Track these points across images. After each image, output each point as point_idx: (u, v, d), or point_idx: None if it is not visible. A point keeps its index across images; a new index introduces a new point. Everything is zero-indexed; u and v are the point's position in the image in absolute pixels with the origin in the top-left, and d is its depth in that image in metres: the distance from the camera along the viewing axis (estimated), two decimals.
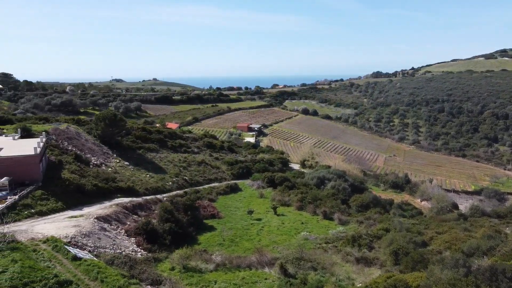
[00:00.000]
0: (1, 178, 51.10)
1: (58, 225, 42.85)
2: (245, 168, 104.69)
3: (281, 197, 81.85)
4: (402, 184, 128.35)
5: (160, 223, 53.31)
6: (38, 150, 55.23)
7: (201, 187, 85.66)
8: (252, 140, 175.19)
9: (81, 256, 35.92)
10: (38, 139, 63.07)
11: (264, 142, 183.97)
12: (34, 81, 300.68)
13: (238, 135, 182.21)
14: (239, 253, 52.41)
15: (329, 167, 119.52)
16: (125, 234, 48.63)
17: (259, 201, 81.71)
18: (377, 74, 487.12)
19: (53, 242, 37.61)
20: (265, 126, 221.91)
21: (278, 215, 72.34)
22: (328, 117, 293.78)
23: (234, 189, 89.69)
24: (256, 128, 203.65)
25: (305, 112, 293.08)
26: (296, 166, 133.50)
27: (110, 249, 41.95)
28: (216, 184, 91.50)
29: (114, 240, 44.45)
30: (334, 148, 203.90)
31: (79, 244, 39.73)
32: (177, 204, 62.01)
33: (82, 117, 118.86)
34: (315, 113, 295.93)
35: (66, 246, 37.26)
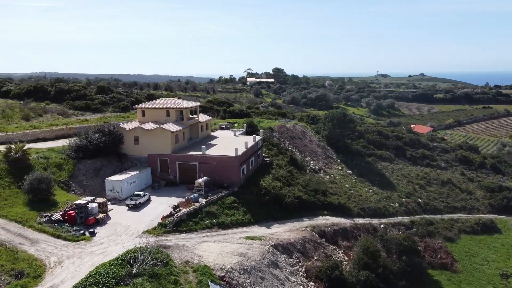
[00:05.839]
0: (201, 178, 49.38)
1: (225, 247, 36.34)
2: None
3: None
4: None
5: (354, 268, 40.11)
6: (240, 151, 51.07)
7: (437, 217, 65.77)
8: None
9: None
10: (251, 138, 59.74)
11: None
12: (301, 75, 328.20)
13: None
14: None
15: None
16: (303, 275, 38.09)
17: None
18: None
19: (202, 274, 30.98)
20: None
21: None
22: None
23: (489, 229, 65.07)
24: None
25: None
26: None
27: None
28: (461, 215, 68.94)
29: (282, 284, 34.54)
30: None
31: (233, 282, 31.79)
32: (388, 242, 46.78)
33: (321, 112, 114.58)
34: None
35: (212, 284, 29.87)
